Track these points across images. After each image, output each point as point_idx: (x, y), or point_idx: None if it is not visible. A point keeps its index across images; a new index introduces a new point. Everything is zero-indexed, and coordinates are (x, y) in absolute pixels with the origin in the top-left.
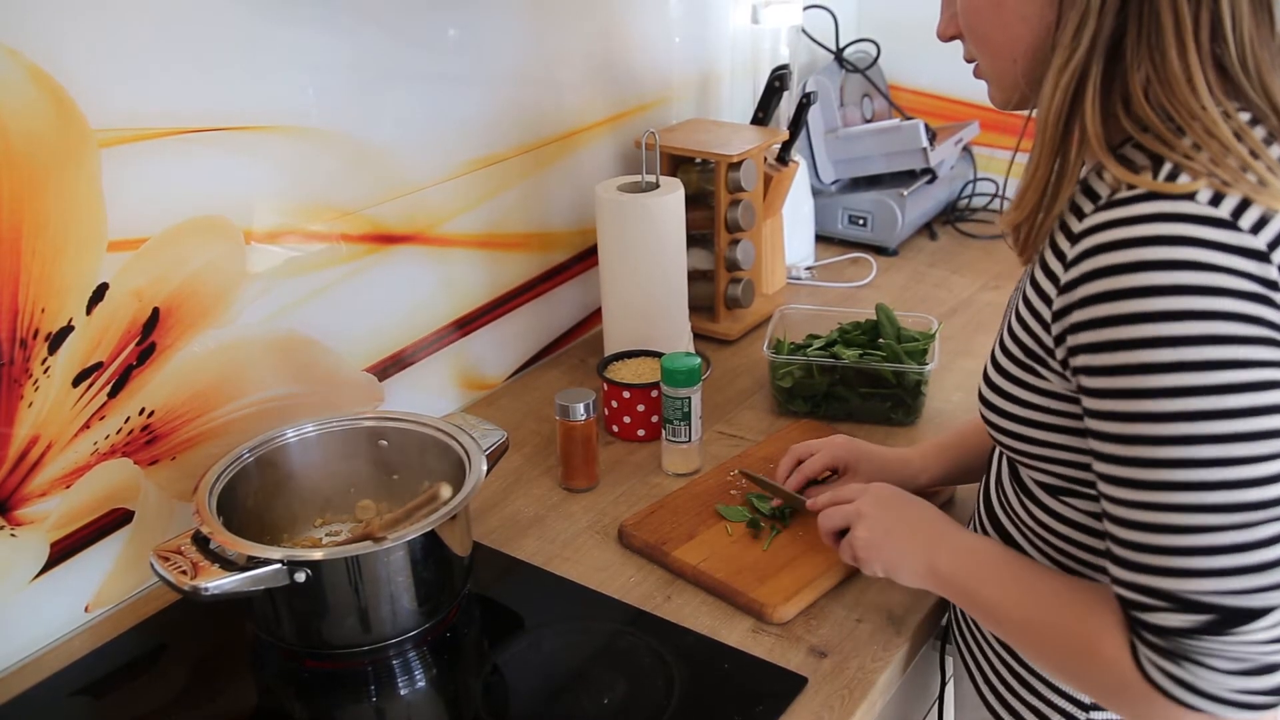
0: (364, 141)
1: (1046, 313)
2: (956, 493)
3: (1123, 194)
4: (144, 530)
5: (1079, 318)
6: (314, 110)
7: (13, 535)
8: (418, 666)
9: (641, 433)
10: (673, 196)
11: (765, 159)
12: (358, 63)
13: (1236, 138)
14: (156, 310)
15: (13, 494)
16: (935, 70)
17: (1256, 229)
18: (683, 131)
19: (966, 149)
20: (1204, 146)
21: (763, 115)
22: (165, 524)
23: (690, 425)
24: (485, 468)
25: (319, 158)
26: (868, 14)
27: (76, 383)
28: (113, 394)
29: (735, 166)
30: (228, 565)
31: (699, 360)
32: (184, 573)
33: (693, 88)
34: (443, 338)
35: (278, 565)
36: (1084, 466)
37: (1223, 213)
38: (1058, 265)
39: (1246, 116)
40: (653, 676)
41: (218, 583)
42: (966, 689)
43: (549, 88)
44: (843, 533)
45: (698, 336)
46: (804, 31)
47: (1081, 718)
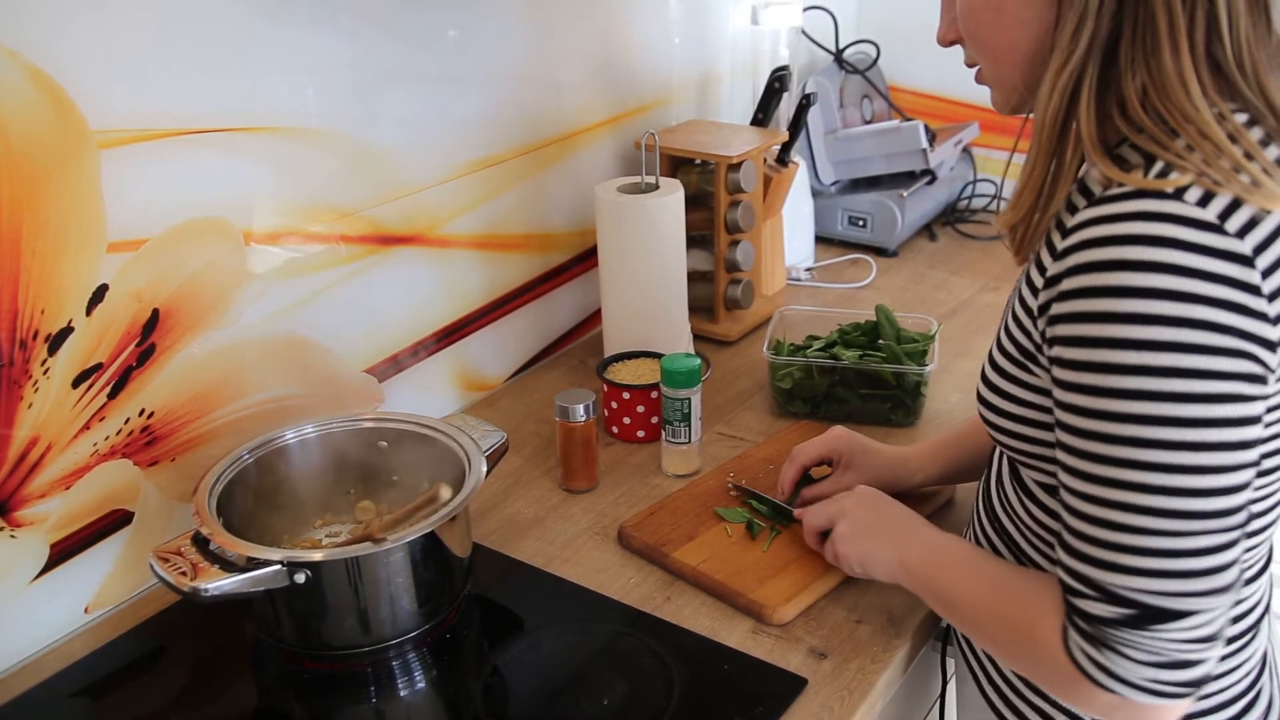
0: (364, 142)
1: (1035, 306)
2: (956, 493)
3: (1112, 191)
4: (144, 531)
5: (1057, 310)
6: (314, 111)
7: (12, 536)
8: (417, 668)
9: (641, 434)
10: (672, 197)
11: (765, 160)
12: (357, 63)
13: (1230, 140)
14: (156, 311)
15: (12, 495)
16: (935, 71)
17: (1244, 232)
18: (682, 132)
19: (966, 150)
20: (1197, 148)
21: (762, 116)
22: (165, 525)
23: (690, 426)
24: (485, 469)
25: (319, 159)
26: (867, 15)
27: (76, 384)
28: (112, 395)
29: (735, 167)
30: (227, 566)
31: (699, 361)
32: (184, 574)
33: (692, 89)
34: (442, 339)
35: (277, 566)
36: None
37: (1209, 215)
38: (1049, 260)
39: (1244, 117)
40: (652, 678)
41: (217, 584)
42: (969, 690)
43: (549, 88)
44: (827, 534)
45: (697, 338)
46: (804, 32)
47: (1087, 719)
